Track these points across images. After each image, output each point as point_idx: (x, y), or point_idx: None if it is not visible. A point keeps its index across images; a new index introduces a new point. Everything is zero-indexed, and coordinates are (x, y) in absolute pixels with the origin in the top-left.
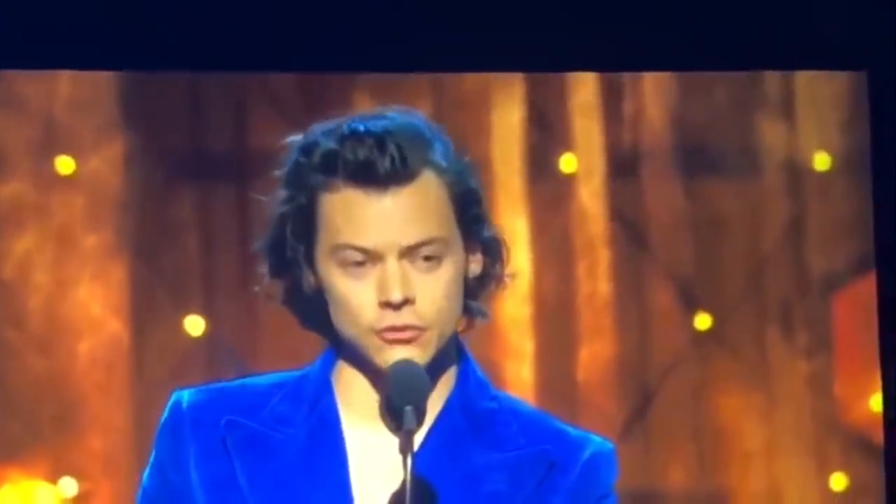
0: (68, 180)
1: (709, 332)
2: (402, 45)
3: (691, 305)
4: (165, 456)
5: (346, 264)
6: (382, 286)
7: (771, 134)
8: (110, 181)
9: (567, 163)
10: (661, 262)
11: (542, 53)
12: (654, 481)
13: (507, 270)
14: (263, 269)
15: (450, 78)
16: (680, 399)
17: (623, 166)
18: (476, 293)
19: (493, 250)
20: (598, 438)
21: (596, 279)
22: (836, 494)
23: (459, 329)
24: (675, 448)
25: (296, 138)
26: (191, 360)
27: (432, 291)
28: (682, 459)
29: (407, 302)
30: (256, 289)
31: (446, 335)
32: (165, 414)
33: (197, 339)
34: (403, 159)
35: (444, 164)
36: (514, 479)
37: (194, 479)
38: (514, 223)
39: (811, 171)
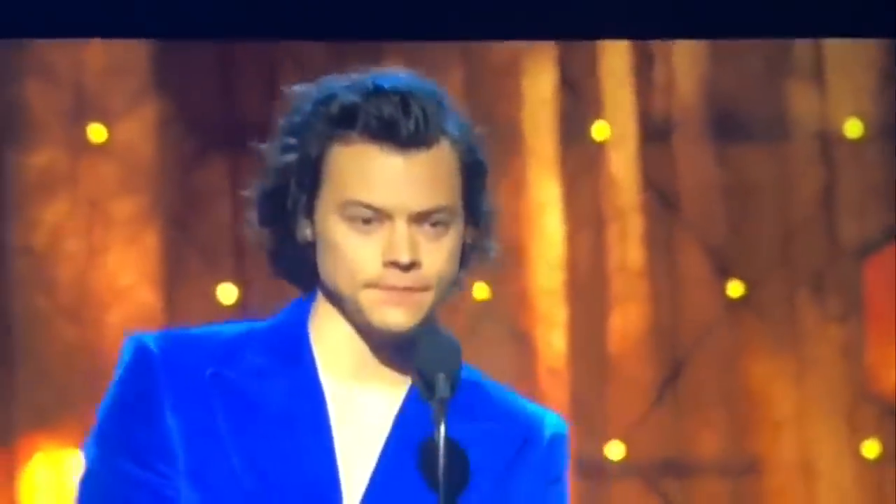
0: (100, 148)
1: (741, 300)
2: (433, 13)
3: (723, 273)
4: (137, 400)
5: (352, 219)
6: (392, 247)
7: (802, 101)
8: (142, 149)
9: (599, 130)
10: (693, 229)
11: (573, 21)
12: (686, 448)
13: (494, 244)
14: (252, 215)
15: (481, 46)
16: (712, 366)
17: (655, 134)
18: (465, 264)
19: (488, 223)
20: (554, 416)
21: (628, 247)
22: (868, 461)
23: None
24: (707, 415)
25: (303, 88)
26: None
27: (437, 258)
28: (714, 426)
29: (414, 265)
30: (248, 232)
31: (440, 301)
32: (129, 357)
33: (229, 307)
34: (426, 123)
35: (457, 133)
36: (490, 452)
37: (172, 426)
38: (545, 191)
39: (843, 138)
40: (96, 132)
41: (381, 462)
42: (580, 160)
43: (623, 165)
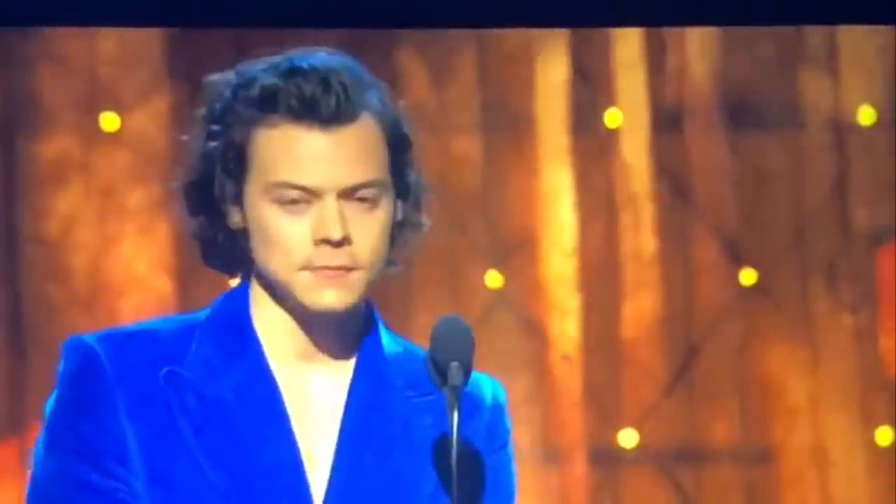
0: (113, 137)
1: (754, 287)
2: (446, 1)
3: (736, 260)
4: (88, 402)
5: (281, 202)
6: (321, 224)
7: (815, 88)
8: (155, 137)
9: (611, 118)
10: (706, 217)
11: (586, 8)
12: (699, 436)
13: (425, 219)
14: (180, 205)
15: (494, 34)
16: (725, 354)
17: (667, 121)
18: (397, 240)
19: (417, 196)
20: (492, 380)
21: (640, 234)
22: (881, 448)
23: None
24: (720, 403)
25: (218, 77)
26: None
27: (368, 233)
28: (727, 414)
29: (345, 241)
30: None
31: (373, 279)
32: (75, 361)
33: None
34: (347, 98)
35: (380, 108)
36: (440, 424)
37: (127, 429)
38: (558, 178)
39: (856, 126)
40: (109, 121)
41: (342, 442)
42: (593, 148)
43: (636, 153)
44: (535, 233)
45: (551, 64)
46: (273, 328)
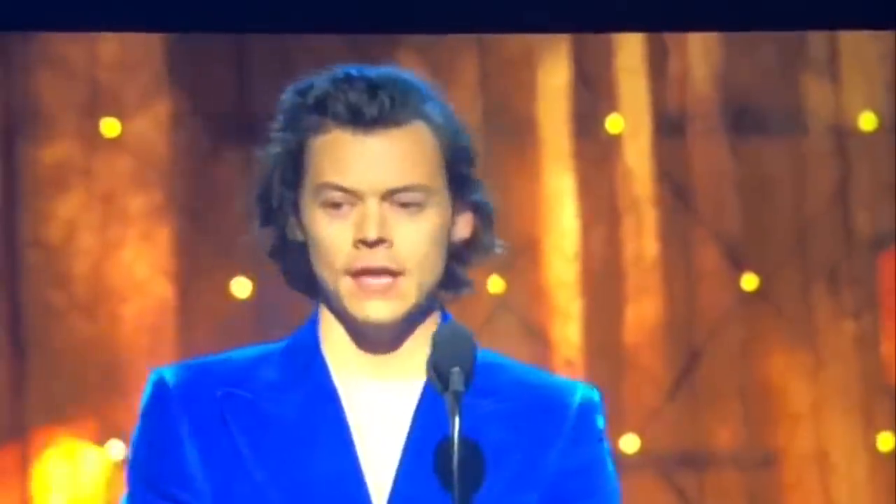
0: (114, 142)
1: (755, 293)
2: (448, 6)
3: (738, 266)
4: (155, 432)
5: (326, 205)
6: (359, 225)
7: (817, 94)
8: (156, 143)
9: (613, 123)
10: (708, 222)
11: (587, 14)
12: (701, 441)
13: (499, 241)
14: (254, 217)
15: (496, 38)
16: (727, 359)
17: (669, 127)
18: (463, 258)
19: (484, 215)
20: (583, 384)
21: (642, 240)
22: (883, 454)
23: (446, 302)
24: (722, 408)
25: (291, 86)
26: (237, 323)
27: (411, 236)
28: (729, 419)
29: (383, 242)
30: (243, 238)
31: (426, 286)
32: (149, 393)
33: (244, 301)
34: (393, 104)
35: (437, 118)
36: (515, 428)
37: (190, 453)
38: (560, 184)
39: (857, 131)
40: (110, 126)
41: (405, 460)
42: (594, 153)
43: (637, 158)
44: (536, 238)
45: (553, 69)
46: (339, 348)
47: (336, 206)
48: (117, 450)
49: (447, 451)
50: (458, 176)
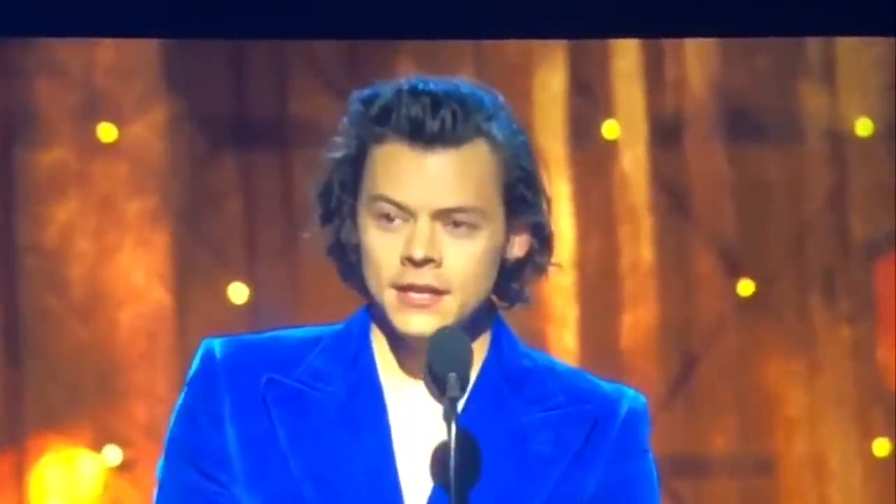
0: (110, 147)
1: (751, 299)
2: (444, 12)
3: (734, 272)
4: (198, 406)
5: (379, 216)
6: (408, 242)
7: (813, 100)
8: (153, 148)
9: (609, 129)
10: (704, 228)
11: (584, 20)
12: (698, 447)
13: (554, 260)
14: (315, 216)
15: (492, 45)
16: (723, 365)
17: (665, 133)
18: (516, 276)
19: (540, 236)
20: (631, 391)
21: (639, 246)
22: (879, 460)
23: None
24: (719, 414)
25: (363, 91)
26: (234, 328)
27: (460, 258)
28: (726, 425)
29: (430, 261)
30: (306, 235)
31: (470, 306)
32: (197, 363)
33: (240, 307)
34: (454, 122)
35: (499, 137)
36: (559, 439)
37: (230, 434)
38: (556, 190)
39: (853, 137)
40: (107, 131)
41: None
42: (591, 159)
43: (634, 164)
44: None
45: (550, 75)
46: (387, 347)
47: (389, 219)
48: (114, 455)
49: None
50: (517, 197)
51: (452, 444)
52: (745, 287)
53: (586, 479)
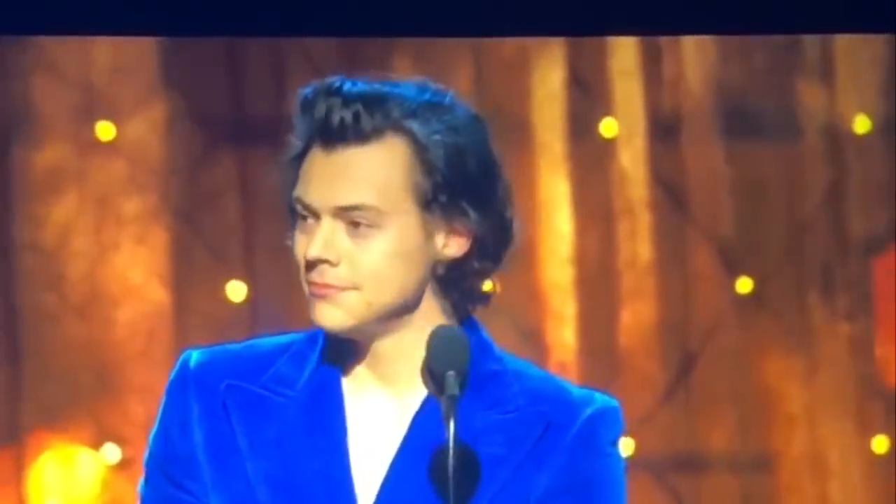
0: (108, 146)
1: (750, 296)
2: (442, 10)
3: (732, 269)
4: (170, 416)
5: (297, 217)
6: (308, 242)
7: (811, 97)
8: (151, 147)
9: (607, 127)
10: (702, 225)
11: (582, 17)
12: (696, 445)
13: (491, 264)
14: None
15: (490, 42)
16: (721, 362)
17: (663, 130)
18: (458, 277)
19: (480, 240)
20: (601, 397)
21: (637, 243)
22: (877, 457)
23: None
24: (717, 411)
25: (303, 90)
26: (232, 326)
27: (363, 257)
28: (724, 423)
29: (324, 262)
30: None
31: (382, 305)
32: (174, 373)
33: (238, 305)
34: (357, 119)
35: (423, 135)
36: (510, 441)
37: (198, 440)
38: (554, 187)
39: (851, 134)
40: (104, 130)
41: (395, 465)
42: (589, 156)
43: (632, 162)
44: (531, 241)
45: (547, 73)
46: (344, 352)
47: (304, 219)
48: (112, 453)
49: (438, 459)
50: (437, 197)
51: (451, 445)
52: (744, 284)
53: (537, 478)
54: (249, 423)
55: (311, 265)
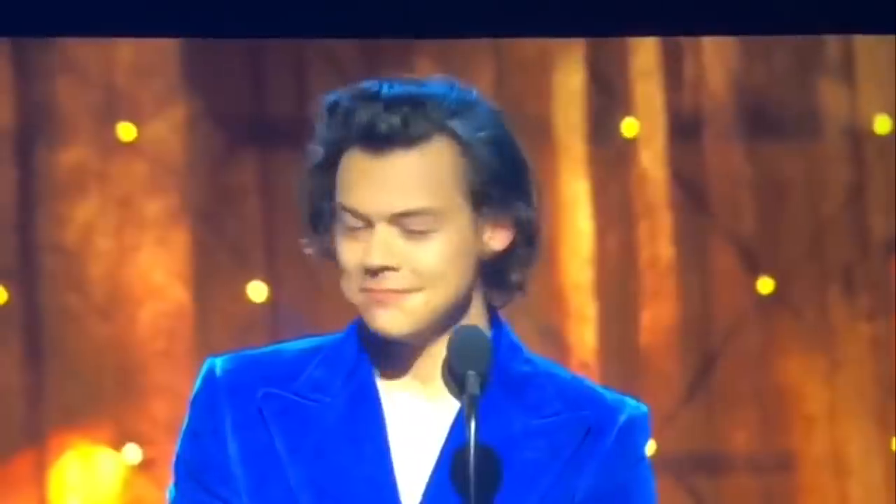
0: (130, 147)
1: (771, 296)
2: (463, 10)
3: (753, 269)
4: (201, 425)
5: (344, 225)
6: (366, 251)
7: (831, 97)
8: (172, 147)
9: (628, 127)
10: (723, 225)
11: (603, 17)
12: (717, 445)
13: (535, 253)
14: (304, 221)
15: (511, 42)
16: (742, 362)
17: (684, 130)
18: (501, 269)
19: (523, 229)
20: (632, 402)
21: (658, 243)
22: None
23: (498, 305)
24: (738, 411)
25: (329, 96)
26: (253, 326)
27: (420, 260)
28: (745, 423)
29: (387, 269)
30: (303, 243)
31: (441, 305)
32: (199, 382)
33: (260, 305)
34: (405, 123)
35: (463, 133)
36: (552, 446)
37: (232, 449)
38: (575, 187)
39: (872, 134)
40: (126, 131)
41: (437, 471)
42: (610, 157)
43: (653, 162)
44: (552, 241)
45: (568, 73)
46: (381, 354)
47: (352, 227)
48: (133, 454)
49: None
50: (486, 193)
51: (472, 443)
52: (765, 284)
53: (577, 483)
54: (288, 430)
55: (372, 272)
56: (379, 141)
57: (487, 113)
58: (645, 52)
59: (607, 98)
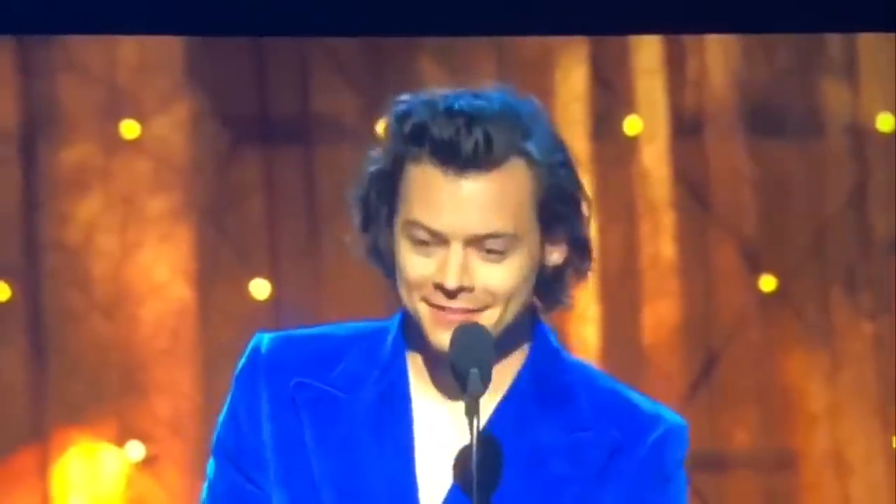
0: (133, 144)
1: (773, 294)
2: (465, 8)
3: (756, 267)
4: (240, 404)
5: (414, 240)
6: (441, 269)
7: (834, 95)
8: (175, 145)
9: (631, 125)
10: (725, 224)
11: (605, 16)
12: (719, 443)
13: (588, 266)
14: (355, 222)
15: (513, 41)
16: (744, 361)
17: (687, 128)
18: (556, 282)
19: (578, 244)
20: (670, 415)
21: (660, 241)
22: None
23: (543, 314)
24: (740, 410)
25: (406, 97)
26: (256, 324)
27: (494, 280)
28: (747, 421)
29: (462, 290)
30: (346, 239)
31: (507, 321)
32: (244, 358)
33: (262, 303)
34: (488, 145)
35: (537, 155)
36: (577, 462)
37: (266, 435)
38: None
39: (874, 133)
40: (129, 128)
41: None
42: (612, 155)
43: (655, 160)
44: None
45: (571, 71)
46: (419, 355)
47: (423, 243)
48: (136, 451)
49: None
50: (553, 212)
51: (474, 442)
52: (767, 283)
53: (601, 499)
54: (318, 421)
55: (449, 293)
56: (459, 162)
57: (551, 132)
58: (647, 51)
59: (610, 96)
